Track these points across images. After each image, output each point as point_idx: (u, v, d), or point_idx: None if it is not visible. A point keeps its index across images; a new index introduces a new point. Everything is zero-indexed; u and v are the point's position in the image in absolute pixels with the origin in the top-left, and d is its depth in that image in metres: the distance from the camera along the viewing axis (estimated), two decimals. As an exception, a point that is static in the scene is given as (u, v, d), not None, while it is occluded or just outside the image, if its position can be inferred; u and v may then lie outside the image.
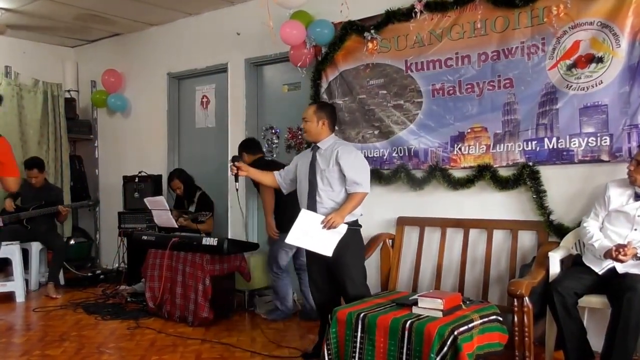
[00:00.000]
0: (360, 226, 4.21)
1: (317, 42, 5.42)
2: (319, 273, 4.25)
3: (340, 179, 4.12)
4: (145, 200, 6.02)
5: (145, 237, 5.80)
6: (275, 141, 6.31)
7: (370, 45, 5.18)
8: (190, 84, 7.22)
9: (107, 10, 6.76)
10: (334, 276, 4.14)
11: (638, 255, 3.55)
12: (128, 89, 7.77)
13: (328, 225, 3.97)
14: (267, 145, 6.36)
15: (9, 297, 4.63)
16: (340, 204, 4.12)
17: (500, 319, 3.65)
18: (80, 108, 8.32)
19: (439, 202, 4.94)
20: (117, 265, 7.22)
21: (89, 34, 7.84)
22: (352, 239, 4.11)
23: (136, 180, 7.04)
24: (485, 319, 3.52)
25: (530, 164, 4.45)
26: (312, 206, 4.16)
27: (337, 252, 4.02)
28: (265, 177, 4.56)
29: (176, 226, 5.78)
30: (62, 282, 7.03)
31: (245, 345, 4.59)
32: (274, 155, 6.27)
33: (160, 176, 7.13)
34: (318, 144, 4.26)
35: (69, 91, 8.13)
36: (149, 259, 5.64)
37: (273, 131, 6.33)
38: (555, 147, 4.38)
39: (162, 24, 7.30)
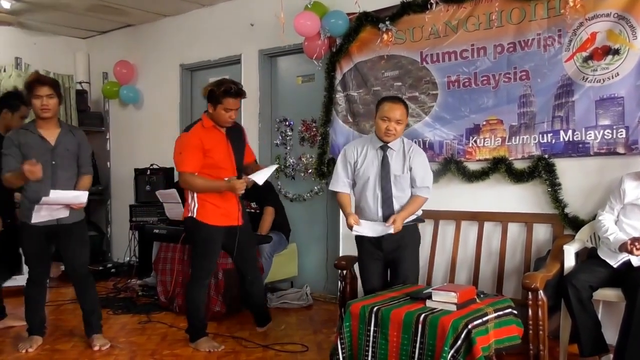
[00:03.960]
0: (423, 221, 4.22)
1: (332, 33, 5.39)
2: (376, 275, 4.14)
3: (410, 183, 4.03)
4: (157, 193, 5.99)
5: (156, 231, 5.79)
6: (289, 133, 6.28)
7: (385, 36, 5.13)
8: (203, 75, 7.18)
9: (119, 1, 6.74)
10: (392, 274, 4.09)
11: (653, 248, 3.52)
12: (140, 80, 7.76)
13: (394, 228, 3.88)
14: (280, 138, 6.35)
15: (19, 291, 4.65)
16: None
17: (515, 312, 3.62)
18: (91, 100, 8.30)
19: (454, 195, 4.91)
20: (128, 258, 7.22)
21: (101, 25, 7.83)
22: (412, 237, 4.11)
23: (148, 172, 7.03)
24: (500, 313, 3.50)
25: (546, 156, 4.43)
26: (388, 215, 4.00)
27: (397, 251, 4.02)
28: (349, 204, 4.19)
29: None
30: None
31: (257, 339, 4.58)
32: (288, 148, 6.26)
33: (172, 169, 7.11)
34: (389, 144, 4.03)
35: (80, 83, 8.11)
36: (160, 252, 5.64)
37: (287, 123, 6.30)
38: (571, 139, 4.34)
39: (174, 14, 7.27)
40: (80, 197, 4.23)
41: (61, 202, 4.16)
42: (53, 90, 4.26)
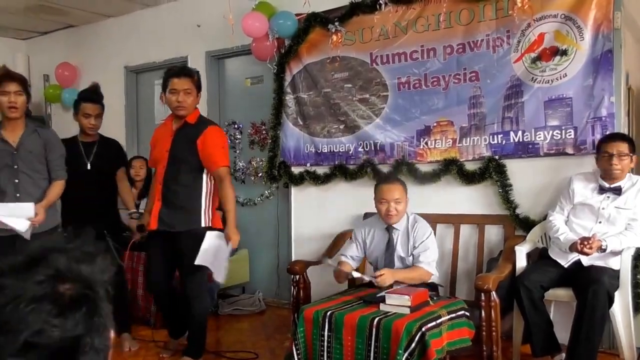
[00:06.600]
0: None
1: (280, 34, 5.32)
2: None
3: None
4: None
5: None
6: (238, 136, 6.19)
7: (334, 37, 5.08)
8: (148, 77, 7.05)
9: (60, 1, 6.53)
10: None
11: (603, 247, 3.56)
12: (83, 83, 7.48)
13: (379, 281, 3.71)
14: (229, 141, 6.23)
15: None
16: None
17: (468, 314, 3.63)
18: (32, 103, 7.97)
19: (405, 197, 4.89)
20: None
21: (41, 25, 7.58)
22: None
23: (93, 177, 6.83)
24: (454, 315, 3.49)
25: (496, 157, 4.44)
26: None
27: None
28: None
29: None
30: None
31: (210, 347, 4.43)
32: (237, 151, 6.16)
33: (118, 173, 6.96)
34: (393, 225, 3.96)
35: (20, 85, 7.86)
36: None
37: (236, 126, 6.21)
38: (520, 140, 4.37)
39: (118, 15, 7.09)
40: (18, 224, 3.68)
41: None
42: (22, 87, 3.96)
